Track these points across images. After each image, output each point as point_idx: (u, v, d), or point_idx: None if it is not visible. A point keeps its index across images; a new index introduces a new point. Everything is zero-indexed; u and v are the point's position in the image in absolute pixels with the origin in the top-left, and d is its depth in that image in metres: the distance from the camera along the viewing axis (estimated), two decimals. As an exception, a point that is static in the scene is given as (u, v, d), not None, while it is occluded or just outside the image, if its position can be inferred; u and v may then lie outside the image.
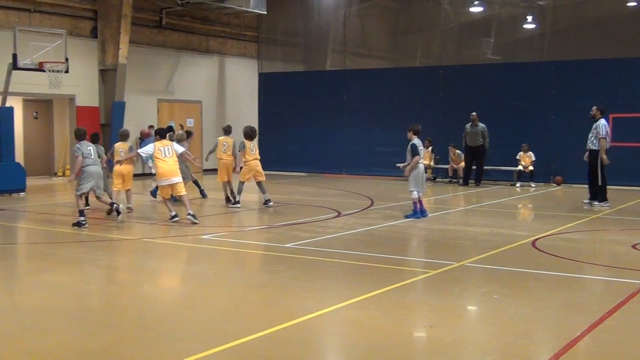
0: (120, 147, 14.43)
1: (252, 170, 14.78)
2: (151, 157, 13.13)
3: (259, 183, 14.97)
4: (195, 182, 16.45)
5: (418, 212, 13.19)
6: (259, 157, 14.97)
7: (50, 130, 22.51)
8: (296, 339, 6.06)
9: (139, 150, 13.48)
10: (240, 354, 5.68)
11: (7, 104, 17.45)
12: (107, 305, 7.39)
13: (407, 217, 13.19)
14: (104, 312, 7.11)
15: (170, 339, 6.05)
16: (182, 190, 12.86)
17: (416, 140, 13.17)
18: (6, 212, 14.32)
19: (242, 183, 14.93)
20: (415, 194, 13.12)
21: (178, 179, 12.82)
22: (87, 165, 12.28)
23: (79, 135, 12.58)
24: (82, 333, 6.26)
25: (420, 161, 13.14)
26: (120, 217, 12.57)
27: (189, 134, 16.54)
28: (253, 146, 14.87)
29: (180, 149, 13.21)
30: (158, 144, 12.86)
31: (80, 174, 12.29)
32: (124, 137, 14.82)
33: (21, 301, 7.56)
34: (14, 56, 16.44)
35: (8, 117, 17.29)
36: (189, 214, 12.45)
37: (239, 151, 14.89)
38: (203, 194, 16.50)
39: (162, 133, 13.30)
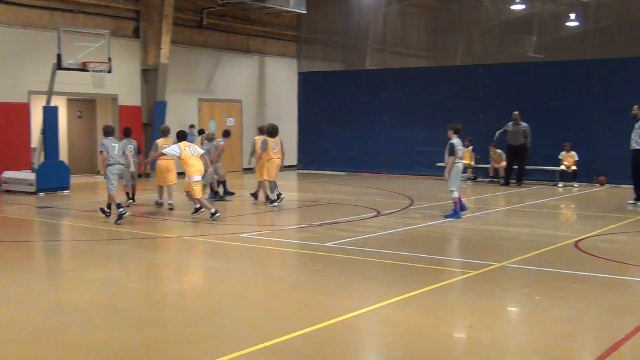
0: (162, 142, 14.81)
1: (277, 168, 14.94)
2: (178, 157, 13.24)
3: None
4: (222, 182, 16.54)
5: (459, 212, 13.10)
6: (280, 156, 15.09)
7: (94, 129, 22.82)
8: (335, 338, 6.06)
9: (165, 150, 13.59)
10: (280, 352, 5.70)
11: (52, 104, 17.74)
12: (148, 302, 7.48)
13: (447, 216, 13.11)
14: (146, 309, 7.20)
15: (210, 336, 6.10)
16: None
17: (455, 140, 13.10)
18: (51, 210, 14.57)
19: (270, 182, 15.05)
20: (455, 194, 13.05)
21: (200, 177, 13.18)
22: (110, 164, 12.81)
23: (107, 132, 13.12)
24: (125, 329, 6.35)
25: (457, 161, 13.04)
26: (119, 221, 12.31)
27: (227, 133, 16.62)
28: (276, 144, 15.01)
29: (201, 150, 13.53)
30: (182, 144, 13.17)
31: (106, 172, 12.82)
32: (165, 132, 15.28)
33: (65, 297, 7.69)
34: (59, 56, 16.73)
35: (53, 116, 17.58)
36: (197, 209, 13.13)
37: (262, 149, 14.96)
38: (228, 193, 16.63)
39: (181, 135, 13.56)
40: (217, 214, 12.68)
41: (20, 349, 5.75)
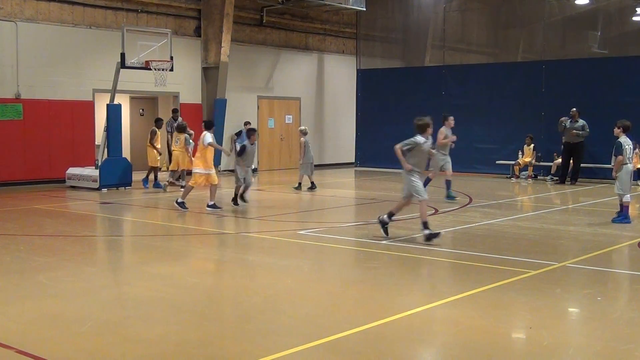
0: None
1: (175, 160, 17.30)
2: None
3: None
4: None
5: (628, 216, 12.32)
6: (177, 150, 17.33)
7: (155, 127, 23.25)
8: (391, 336, 6.05)
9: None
10: (337, 349, 5.73)
11: (115, 102, 18.14)
12: (207, 298, 7.60)
13: (615, 220, 12.31)
14: (205, 304, 7.31)
15: (267, 332, 6.15)
16: None
17: (623, 138, 12.25)
18: (114, 205, 14.91)
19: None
20: (627, 197, 12.27)
21: None
22: None
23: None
24: (183, 324, 6.46)
25: (626, 161, 12.18)
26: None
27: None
28: (177, 139, 17.37)
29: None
30: None
31: None
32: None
33: (127, 291, 7.87)
34: (122, 55, 17.08)
35: (116, 114, 17.96)
36: None
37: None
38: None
39: None
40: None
41: (84, 341, 5.91)
